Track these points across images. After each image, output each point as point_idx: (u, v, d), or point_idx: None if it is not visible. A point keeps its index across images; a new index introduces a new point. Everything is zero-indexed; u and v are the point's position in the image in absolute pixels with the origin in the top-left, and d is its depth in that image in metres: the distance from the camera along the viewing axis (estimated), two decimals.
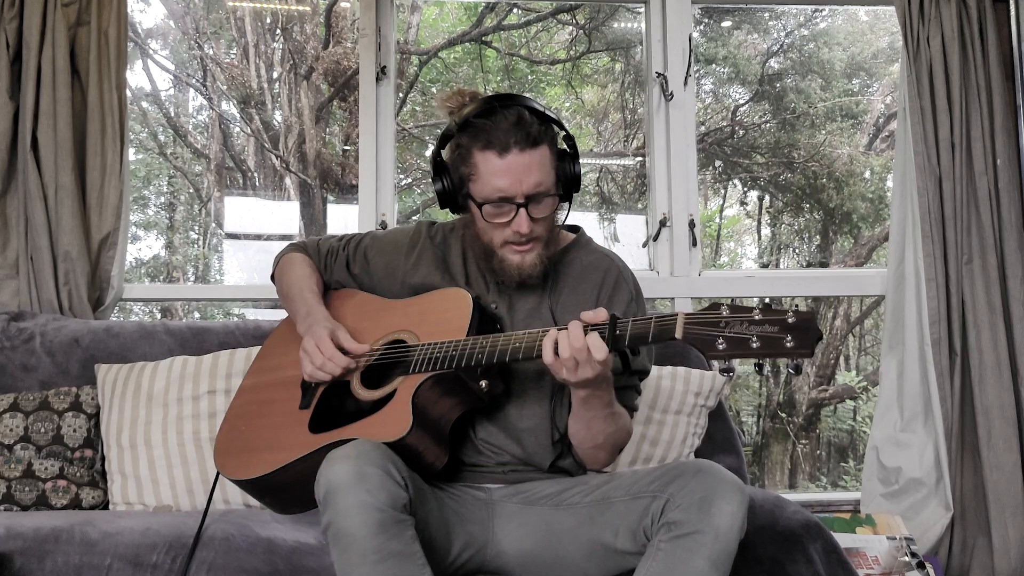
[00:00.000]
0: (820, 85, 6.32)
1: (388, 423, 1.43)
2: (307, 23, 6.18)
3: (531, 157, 1.48)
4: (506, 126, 1.47)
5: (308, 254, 1.81)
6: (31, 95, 2.56)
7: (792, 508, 1.79)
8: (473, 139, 1.49)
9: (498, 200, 1.48)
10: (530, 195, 1.48)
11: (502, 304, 1.62)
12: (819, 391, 6.43)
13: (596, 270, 1.65)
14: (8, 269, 2.59)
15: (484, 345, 1.44)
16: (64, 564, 1.68)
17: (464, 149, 1.51)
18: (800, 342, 1.21)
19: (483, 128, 1.48)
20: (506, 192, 1.48)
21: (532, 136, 1.48)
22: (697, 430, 2.29)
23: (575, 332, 1.34)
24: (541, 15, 6.07)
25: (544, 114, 1.53)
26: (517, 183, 1.47)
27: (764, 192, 6.72)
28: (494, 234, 1.53)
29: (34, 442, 2.16)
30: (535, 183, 1.48)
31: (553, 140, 1.53)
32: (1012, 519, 2.55)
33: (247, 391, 1.74)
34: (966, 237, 2.67)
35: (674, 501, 1.34)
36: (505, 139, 1.46)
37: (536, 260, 1.54)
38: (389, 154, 2.92)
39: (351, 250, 1.78)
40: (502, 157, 1.47)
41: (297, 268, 1.77)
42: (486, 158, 1.48)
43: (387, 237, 1.77)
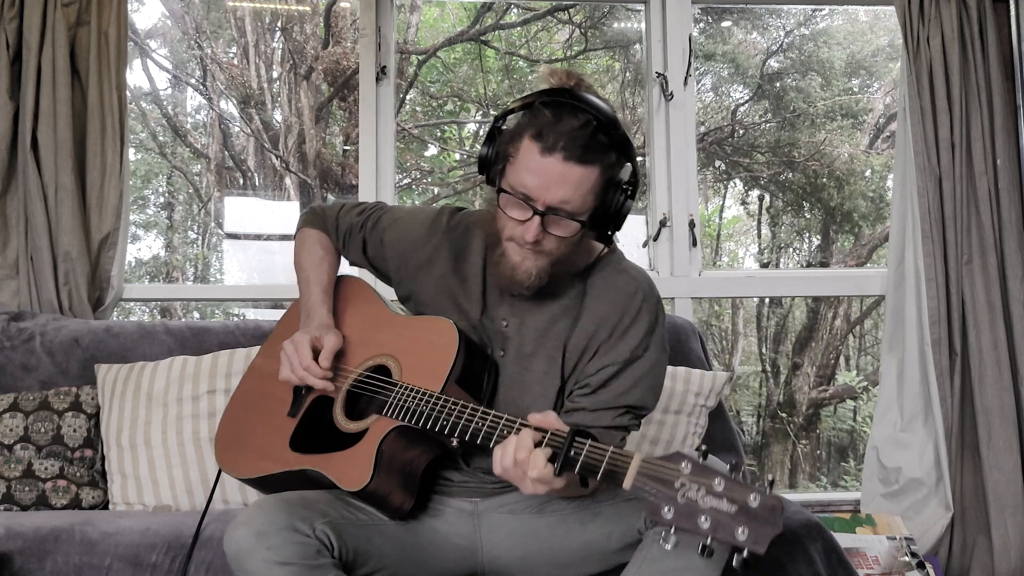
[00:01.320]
0: (820, 84, 6.32)
1: (352, 468, 1.42)
2: (307, 23, 6.18)
3: (571, 171, 1.34)
4: (565, 128, 1.34)
5: (326, 229, 1.73)
6: (31, 95, 2.56)
7: (792, 508, 1.79)
8: (530, 123, 1.38)
9: (521, 196, 1.37)
10: (552, 208, 1.36)
11: (513, 321, 1.52)
12: (819, 391, 6.43)
13: (620, 294, 1.51)
14: (8, 269, 2.59)
15: (452, 413, 1.36)
16: (64, 564, 1.68)
17: (519, 128, 1.40)
18: (754, 536, 1.00)
19: (543, 118, 1.36)
20: (530, 193, 1.36)
21: (585, 151, 1.34)
22: (697, 430, 2.29)
23: (524, 442, 1.23)
24: (539, 13, 6.07)
25: (616, 137, 1.39)
26: (544, 189, 1.35)
27: (764, 191, 6.72)
28: (506, 223, 1.42)
29: (34, 442, 2.16)
30: (562, 199, 1.35)
31: (610, 166, 1.39)
32: (1012, 519, 2.55)
33: (254, 373, 1.74)
34: (966, 237, 2.67)
35: None
36: (555, 140, 1.34)
37: (534, 270, 1.42)
38: (389, 154, 2.92)
39: (367, 230, 1.68)
40: (543, 156, 1.35)
41: (310, 249, 1.70)
42: (530, 149, 1.36)
43: (404, 223, 1.65)
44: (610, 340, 1.47)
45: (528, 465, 1.21)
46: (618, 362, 1.46)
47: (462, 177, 6.50)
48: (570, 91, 1.39)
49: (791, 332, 6.75)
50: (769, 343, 6.84)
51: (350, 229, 1.70)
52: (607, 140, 1.37)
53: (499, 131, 1.45)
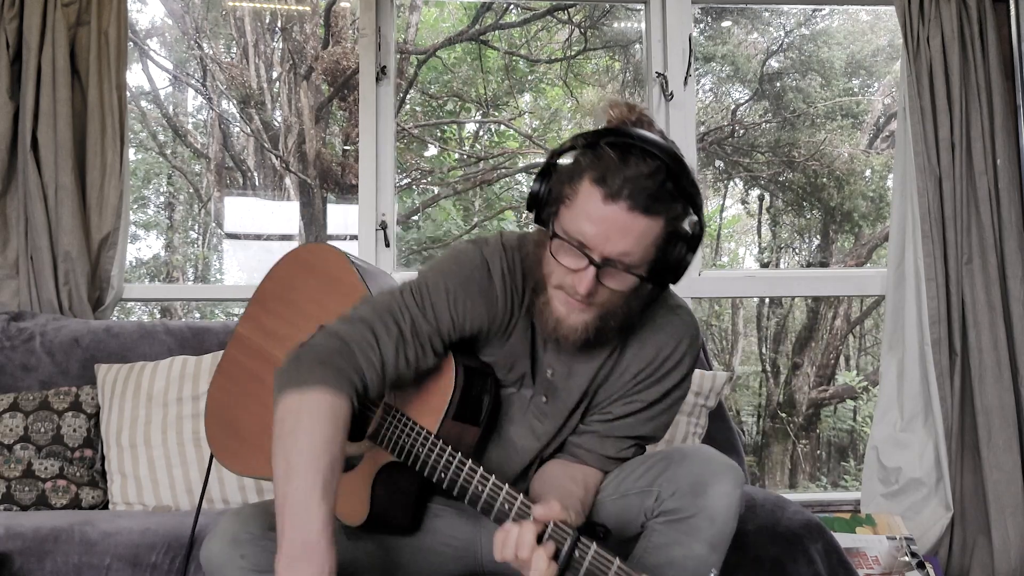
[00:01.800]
0: (820, 84, 6.32)
1: (348, 502, 1.37)
2: (307, 23, 6.18)
3: (635, 222, 1.21)
4: (632, 174, 1.20)
5: (346, 389, 1.25)
6: (31, 95, 2.56)
7: (793, 508, 1.79)
8: (592, 165, 1.23)
9: (576, 244, 1.23)
10: (610, 260, 1.23)
11: (560, 371, 1.41)
12: (819, 391, 6.43)
13: (668, 337, 1.41)
14: (8, 269, 2.59)
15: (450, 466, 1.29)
16: (64, 564, 1.68)
17: (578, 167, 1.25)
18: None
19: (607, 160, 1.22)
20: (587, 241, 1.22)
21: (652, 201, 1.21)
22: (697, 430, 2.29)
23: (525, 538, 1.15)
24: (538, 13, 6.07)
25: (686, 187, 1.25)
26: (603, 239, 1.21)
27: (764, 191, 6.72)
28: (555, 270, 1.27)
29: (34, 442, 2.16)
30: (622, 251, 1.22)
31: (675, 217, 1.25)
32: (1012, 519, 2.55)
33: (241, 343, 1.65)
34: (966, 237, 2.67)
35: (665, 491, 1.31)
36: (620, 187, 1.20)
37: (580, 326, 1.28)
38: (389, 154, 2.92)
39: (422, 341, 1.33)
40: (605, 203, 1.20)
41: (315, 439, 1.20)
42: (590, 193, 1.22)
43: (461, 303, 1.35)
44: (648, 381, 1.42)
45: (530, 567, 1.14)
46: (647, 401, 1.42)
47: (462, 177, 6.50)
48: (636, 132, 1.25)
49: (791, 332, 6.76)
50: (769, 343, 6.85)
51: (401, 353, 1.31)
52: (674, 189, 1.23)
53: (555, 167, 1.30)
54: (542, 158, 1.45)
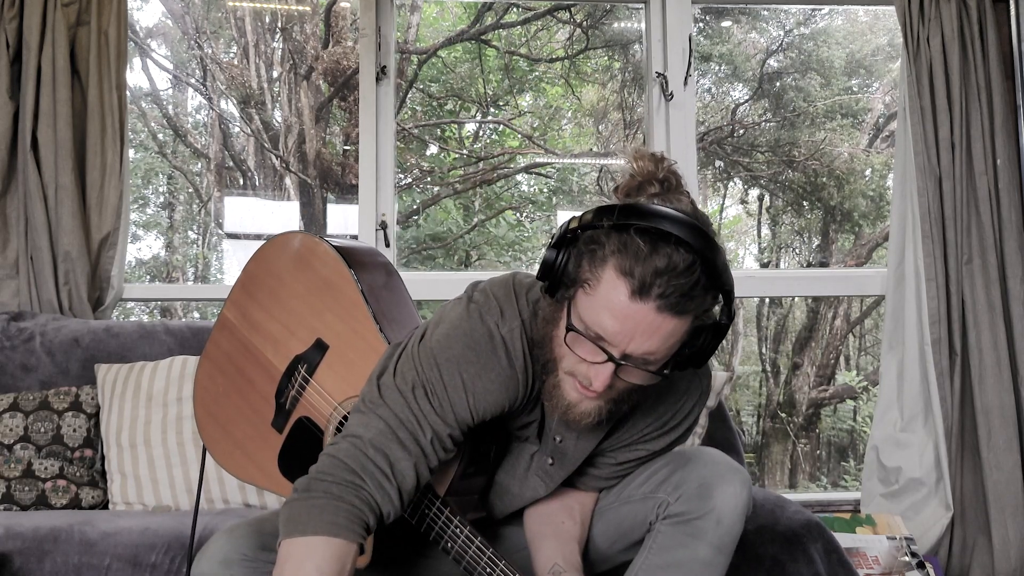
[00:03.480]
0: (820, 83, 6.32)
1: None
2: (307, 23, 6.18)
3: (663, 323, 1.10)
4: (663, 268, 1.07)
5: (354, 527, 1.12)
6: (31, 95, 2.56)
7: (793, 508, 1.79)
8: (618, 251, 1.10)
9: (594, 337, 1.12)
10: (630, 357, 1.12)
11: (569, 437, 1.34)
12: (819, 391, 6.43)
13: (678, 393, 1.35)
14: (8, 269, 2.59)
15: (457, 537, 1.26)
16: (63, 564, 1.68)
17: (604, 253, 1.11)
18: None
19: (636, 250, 1.09)
20: (608, 337, 1.11)
21: (684, 302, 1.09)
22: (697, 430, 2.29)
23: None
24: (539, 12, 6.07)
25: (722, 280, 1.12)
26: (627, 338, 1.11)
27: (764, 191, 6.72)
28: (568, 357, 1.17)
29: (34, 442, 2.16)
30: (646, 351, 1.12)
31: (703, 312, 1.14)
32: (1012, 519, 2.55)
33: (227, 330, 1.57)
34: (966, 237, 2.67)
35: (671, 496, 1.29)
36: (650, 284, 1.08)
37: (595, 411, 1.20)
38: (389, 154, 2.92)
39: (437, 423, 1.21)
40: (632, 300, 1.09)
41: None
42: (615, 285, 1.09)
43: (481, 396, 1.23)
44: (652, 435, 1.37)
45: None
46: (650, 451, 1.38)
47: (462, 176, 6.50)
48: (668, 213, 1.11)
49: (791, 332, 6.76)
50: (769, 343, 6.85)
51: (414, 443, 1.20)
52: (708, 281, 1.11)
53: (574, 237, 1.16)
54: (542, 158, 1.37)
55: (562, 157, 6.37)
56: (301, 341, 1.48)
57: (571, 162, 6.41)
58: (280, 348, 1.51)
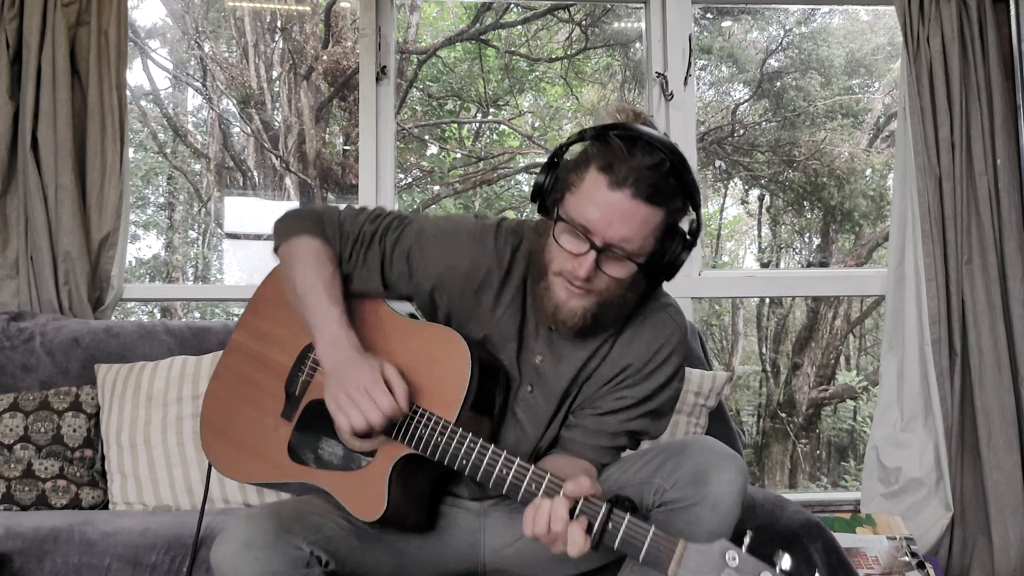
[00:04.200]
0: (820, 83, 6.32)
1: (362, 497, 1.36)
2: (307, 23, 6.18)
3: (637, 210, 1.27)
4: (637, 164, 1.26)
5: (326, 238, 1.48)
6: (31, 95, 2.56)
7: (792, 508, 1.79)
8: (598, 155, 1.29)
9: (580, 228, 1.29)
10: (611, 245, 1.28)
11: (549, 358, 1.45)
12: (819, 391, 6.43)
13: (656, 333, 1.45)
14: (8, 269, 2.59)
15: (472, 451, 1.30)
16: (63, 564, 1.68)
17: (587, 158, 1.31)
18: None
19: (614, 151, 1.28)
20: (590, 226, 1.28)
21: (655, 191, 1.27)
22: (697, 430, 2.29)
23: (558, 512, 1.18)
24: (539, 12, 6.07)
25: (687, 182, 1.31)
26: (606, 224, 1.27)
27: (765, 191, 6.72)
28: (556, 257, 1.33)
29: (34, 442, 2.16)
30: (622, 237, 1.28)
31: (675, 211, 1.32)
32: (1012, 519, 2.55)
33: (237, 351, 1.62)
34: (966, 237, 2.67)
35: (666, 483, 1.31)
36: (627, 175, 1.26)
37: (579, 311, 1.34)
38: (389, 154, 2.92)
39: (388, 247, 1.46)
40: (610, 189, 1.27)
41: (312, 264, 1.45)
42: (596, 180, 1.28)
43: (444, 245, 1.45)
44: (636, 376, 1.44)
45: (565, 539, 1.17)
46: (636, 398, 1.44)
47: (462, 176, 6.50)
48: (642, 128, 1.31)
49: (791, 332, 6.76)
50: (769, 343, 6.85)
51: (360, 239, 1.48)
52: (676, 184, 1.30)
53: (561, 159, 1.37)
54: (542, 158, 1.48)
55: None
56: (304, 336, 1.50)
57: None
58: (287, 346, 1.54)
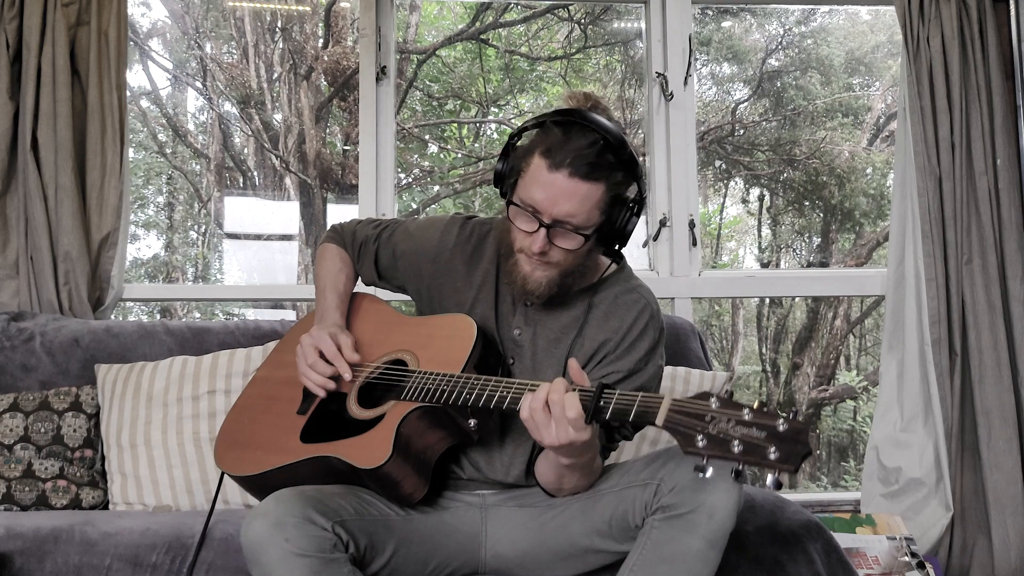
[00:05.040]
0: (820, 82, 6.32)
1: (370, 448, 1.42)
2: (307, 23, 6.18)
3: (576, 187, 1.40)
4: (573, 146, 1.40)
5: (343, 244, 1.78)
6: (31, 95, 2.56)
7: (792, 508, 1.78)
8: (541, 141, 1.44)
9: (529, 209, 1.43)
10: (558, 220, 1.42)
11: (527, 330, 1.58)
12: (819, 391, 6.43)
13: (628, 310, 1.57)
14: (8, 269, 2.59)
15: (475, 386, 1.40)
16: (64, 564, 1.68)
17: (531, 145, 1.46)
18: (785, 455, 1.08)
19: (552, 136, 1.42)
20: (537, 206, 1.42)
21: (591, 169, 1.40)
22: None
23: (557, 387, 1.28)
24: (538, 11, 6.07)
25: (623, 156, 1.43)
26: (551, 203, 1.41)
27: (765, 190, 6.72)
28: (516, 236, 1.48)
29: (34, 442, 2.16)
30: (567, 213, 1.41)
31: (616, 184, 1.44)
32: (1012, 519, 2.55)
33: (259, 383, 1.75)
34: (966, 237, 2.67)
35: (665, 485, 1.33)
36: (563, 157, 1.39)
37: (544, 280, 1.48)
38: (389, 154, 2.92)
39: (381, 243, 1.73)
40: (550, 172, 1.40)
41: (328, 262, 1.76)
42: (538, 165, 1.42)
43: (417, 235, 1.70)
44: (616, 351, 1.53)
45: (563, 406, 1.25)
46: (621, 371, 1.52)
47: (462, 176, 6.50)
48: (580, 111, 1.45)
49: (791, 332, 6.75)
50: (769, 343, 6.85)
51: (364, 242, 1.75)
52: (614, 159, 1.41)
53: (513, 147, 1.51)
54: None
55: None
56: None
57: None
58: None
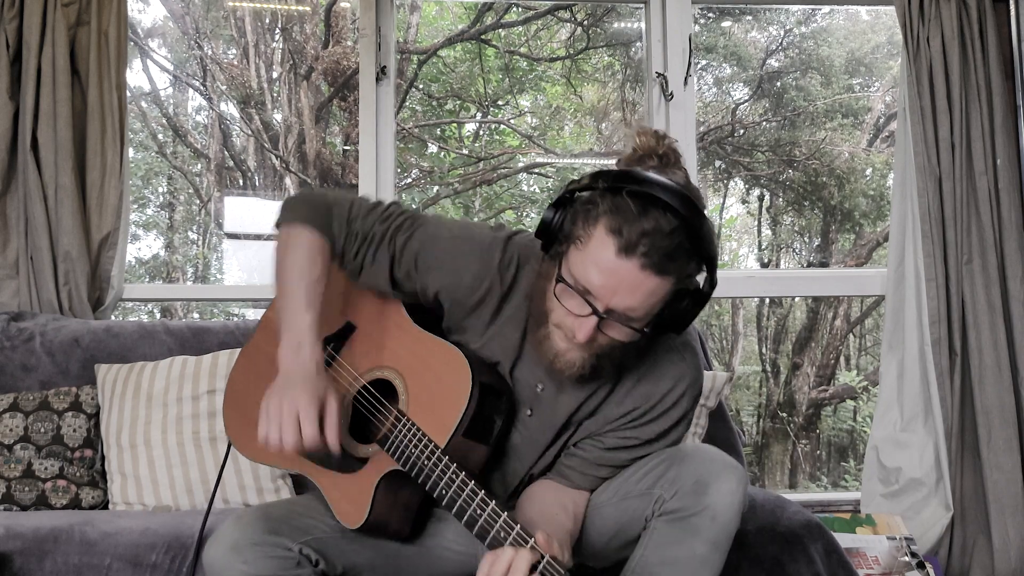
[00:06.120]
0: (820, 82, 6.32)
1: (348, 504, 1.38)
2: (307, 23, 6.18)
3: (645, 281, 1.17)
4: (650, 229, 1.16)
5: (329, 232, 1.39)
6: (31, 95, 2.56)
7: (793, 508, 1.79)
8: (610, 212, 1.18)
9: (581, 291, 1.21)
10: (613, 312, 1.20)
11: (550, 386, 1.39)
12: (819, 391, 6.43)
13: (664, 376, 1.38)
14: (8, 269, 2.58)
15: (451, 484, 1.27)
16: (63, 564, 1.68)
17: (595, 210, 1.20)
18: None
19: (625, 211, 1.17)
20: (593, 291, 1.20)
21: (666, 261, 1.17)
22: (697, 430, 2.29)
23: (519, 565, 1.15)
24: (539, 12, 6.07)
25: (704, 244, 1.20)
26: (610, 293, 1.19)
27: (765, 191, 6.72)
28: (556, 309, 1.25)
29: (34, 442, 2.16)
30: (627, 307, 1.20)
31: (685, 277, 1.22)
32: (1012, 519, 2.55)
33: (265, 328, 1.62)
34: (966, 237, 2.67)
35: (666, 492, 1.30)
36: (636, 243, 1.16)
37: (577, 362, 1.27)
38: (389, 154, 2.92)
39: (397, 247, 1.39)
40: (618, 256, 1.17)
41: (300, 255, 1.38)
42: (603, 243, 1.18)
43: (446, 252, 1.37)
44: (642, 419, 1.39)
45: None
46: (641, 439, 1.40)
47: (462, 176, 6.50)
48: (660, 182, 1.19)
49: (791, 332, 6.75)
50: (769, 343, 6.85)
51: (371, 238, 1.40)
52: (691, 246, 1.19)
53: (572, 200, 1.25)
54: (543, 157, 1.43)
55: (562, 157, 6.37)
56: (332, 325, 1.51)
57: (571, 162, 6.41)
58: None
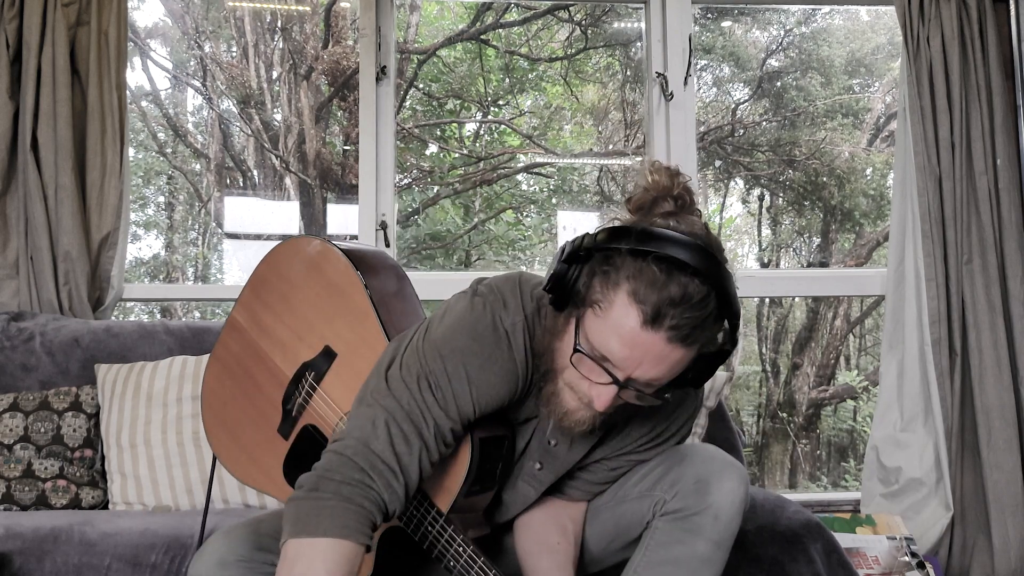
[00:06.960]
0: (820, 82, 6.32)
1: None
2: (307, 23, 6.18)
3: (672, 353, 1.10)
4: (677, 299, 1.07)
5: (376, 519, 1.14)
6: (31, 95, 2.56)
7: (793, 508, 1.79)
8: (633, 277, 1.09)
9: (600, 359, 1.12)
10: (635, 382, 1.13)
11: (563, 441, 1.34)
12: (819, 391, 6.43)
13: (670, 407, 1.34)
14: (8, 269, 2.59)
15: (449, 546, 1.25)
16: (63, 564, 1.68)
17: (616, 273, 1.10)
18: None
19: (648, 275, 1.08)
20: (615, 361, 1.11)
21: (693, 335, 1.10)
22: (697, 430, 2.29)
23: None
24: (539, 12, 6.07)
25: (731, 309, 1.13)
26: (634, 364, 1.11)
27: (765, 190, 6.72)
28: (570, 371, 1.17)
29: (34, 442, 2.16)
30: (651, 378, 1.13)
31: (708, 343, 1.15)
32: (1012, 519, 2.55)
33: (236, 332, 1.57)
34: (966, 237, 2.67)
35: (667, 494, 1.30)
36: (664, 314, 1.07)
37: (588, 422, 1.21)
38: (389, 154, 2.92)
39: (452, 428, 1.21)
40: (643, 328, 1.08)
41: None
42: (627, 311, 1.09)
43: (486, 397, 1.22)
44: (645, 446, 1.38)
45: None
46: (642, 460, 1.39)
47: (462, 176, 6.50)
48: (683, 240, 1.09)
49: (791, 332, 6.75)
50: (769, 343, 6.84)
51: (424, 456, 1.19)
52: (718, 311, 1.11)
53: (586, 254, 1.15)
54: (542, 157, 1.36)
55: (562, 157, 6.37)
56: (310, 348, 1.47)
57: (571, 162, 6.41)
58: (288, 353, 1.50)
